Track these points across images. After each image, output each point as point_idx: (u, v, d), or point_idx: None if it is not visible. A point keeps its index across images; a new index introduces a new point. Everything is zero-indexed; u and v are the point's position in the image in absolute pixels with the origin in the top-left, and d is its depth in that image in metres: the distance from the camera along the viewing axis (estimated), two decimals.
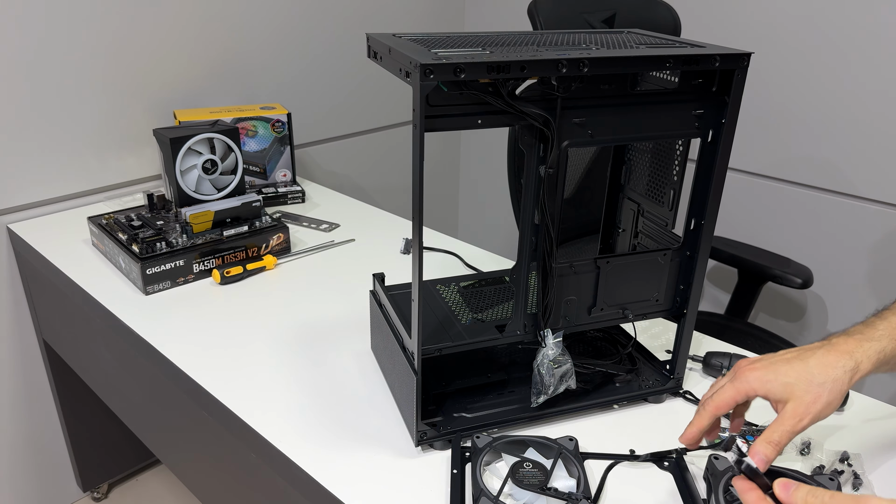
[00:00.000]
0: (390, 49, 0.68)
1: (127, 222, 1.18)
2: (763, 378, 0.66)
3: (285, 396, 0.86)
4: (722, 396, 0.68)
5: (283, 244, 1.23)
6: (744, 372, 0.68)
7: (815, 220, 1.64)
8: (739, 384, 0.67)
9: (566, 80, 0.68)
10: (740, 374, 0.68)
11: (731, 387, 0.68)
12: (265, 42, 1.63)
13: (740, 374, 0.68)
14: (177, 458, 1.14)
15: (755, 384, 0.66)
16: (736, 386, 0.67)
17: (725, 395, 0.68)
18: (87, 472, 1.61)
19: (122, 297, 1.08)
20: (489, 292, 0.89)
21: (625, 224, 0.93)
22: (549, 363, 0.76)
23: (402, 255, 1.25)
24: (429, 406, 0.80)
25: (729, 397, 0.67)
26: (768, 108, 1.63)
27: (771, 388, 0.65)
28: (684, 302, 0.83)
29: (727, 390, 0.68)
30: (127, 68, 1.40)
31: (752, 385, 0.66)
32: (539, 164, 0.71)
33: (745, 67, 0.71)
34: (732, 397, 0.67)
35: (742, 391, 0.67)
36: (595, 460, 0.76)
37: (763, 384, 0.66)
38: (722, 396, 0.68)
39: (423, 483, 0.72)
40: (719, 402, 0.68)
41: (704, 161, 0.77)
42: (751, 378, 0.67)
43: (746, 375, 0.67)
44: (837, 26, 1.48)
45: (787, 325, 1.78)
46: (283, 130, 1.50)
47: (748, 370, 0.68)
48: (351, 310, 1.05)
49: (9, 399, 1.42)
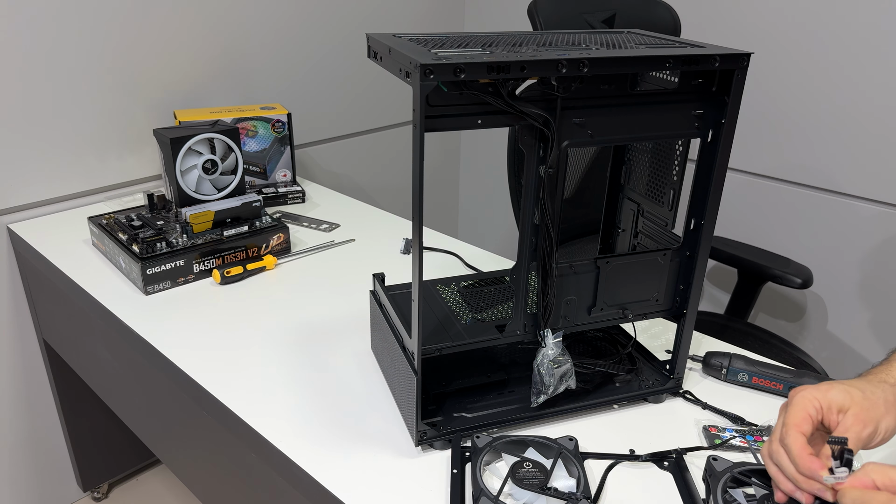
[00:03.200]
0: (390, 49, 0.68)
1: (127, 222, 1.18)
2: (821, 388, 0.63)
3: (285, 396, 0.86)
4: (795, 414, 0.62)
5: (283, 244, 1.23)
6: (797, 391, 0.64)
7: (815, 220, 1.64)
8: (802, 400, 0.63)
9: (566, 80, 0.68)
10: (795, 396, 0.64)
11: (797, 407, 0.63)
12: (265, 42, 1.63)
13: (794, 396, 0.64)
14: (177, 457, 1.14)
15: (815, 393, 0.63)
16: (799, 403, 0.63)
17: (798, 412, 0.62)
18: (87, 472, 1.61)
19: (122, 297, 1.08)
20: (489, 292, 0.89)
21: (625, 224, 0.94)
22: (549, 363, 0.76)
23: (402, 255, 1.25)
24: (429, 406, 0.80)
25: (802, 411, 0.62)
26: (768, 108, 1.63)
27: (833, 395, 0.62)
28: (684, 302, 0.83)
29: (798, 408, 0.62)
30: (127, 68, 1.40)
31: (813, 395, 0.62)
32: (539, 164, 0.71)
33: (744, 67, 0.71)
34: (807, 412, 0.62)
35: (810, 405, 0.62)
36: (595, 460, 0.76)
37: (823, 392, 0.63)
38: (795, 414, 0.62)
39: (423, 483, 0.72)
40: (795, 420, 0.62)
41: (704, 161, 0.77)
42: (807, 393, 0.63)
43: (802, 392, 0.64)
44: (837, 26, 1.48)
45: (787, 325, 1.78)
46: (283, 130, 1.50)
47: (800, 390, 0.64)
48: (351, 310, 1.05)
49: (9, 399, 1.42)
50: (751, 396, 0.88)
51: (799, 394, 0.64)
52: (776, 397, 0.87)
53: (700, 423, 0.82)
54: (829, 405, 0.62)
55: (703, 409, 0.85)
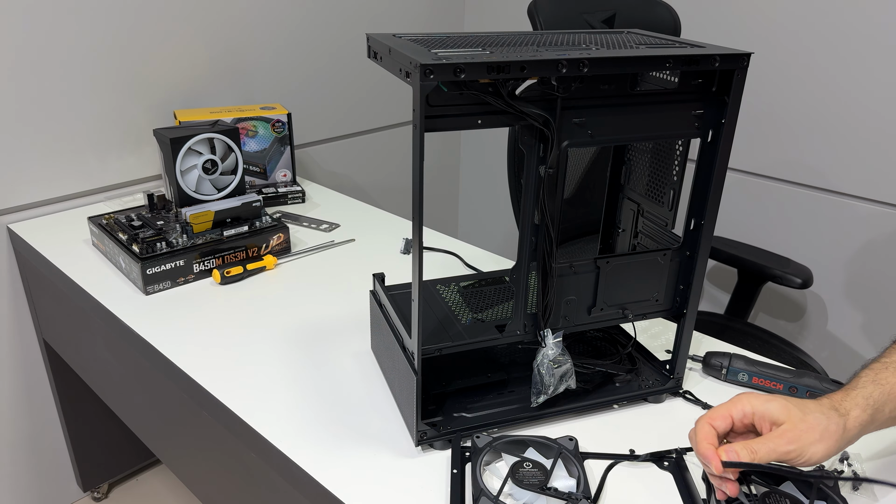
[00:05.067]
0: (390, 49, 0.68)
1: (127, 222, 1.18)
2: (765, 398, 0.66)
3: (285, 396, 0.86)
4: (717, 410, 0.68)
5: (283, 244, 1.23)
6: (743, 394, 0.69)
7: (816, 220, 1.64)
8: (737, 400, 0.68)
9: (566, 80, 0.68)
10: (737, 396, 0.69)
11: (727, 404, 0.68)
12: (265, 42, 1.63)
13: (737, 395, 0.69)
14: (177, 457, 1.14)
15: (755, 401, 0.67)
16: (733, 401, 0.68)
17: (720, 409, 0.68)
18: (87, 472, 1.61)
19: (122, 297, 1.08)
20: (489, 292, 0.89)
21: (625, 224, 0.94)
22: (549, 363, 0.76)
23: (402, 255, 1.25)
24: (429, 406, 0.80)
25: (724, 409, 0.67)
26: (768, 108, 1.63)
27: (772, 407, 0.65)
28: (684, 302, 0.83)
29: (722, 406, 0.68)
30: (127, 68, 1.40)
31: (752, 402, 0.67)
32: (539, 164, 0.71)
33: (744, 68, 0.71)
34: (728, 409, 0.67)
35: (738, 407, 0.67)
36: (595, 460, 0.76)
37: (764, 402, 0.66)
38: (717, 410, 0.68)
39: (423, 483, 0.72)
40: (713, 414, 0.68)
41: (704, 161, 0.77)
42: (751, 397, 0.67)
43: (747, 395, 0.68)
44: (837, 26, 1.48)
45: (787, 325, 1.78)
46: (283, 130, 1.50)
47: (746, 394, 0.68)
48: (351, 310, 1.05)
49: (9, 399, 1.42)
50: None
51: (739, 395, 0.68)
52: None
53: None
54: (763, 414, 0.66)
55: (703, 409, 0.85)
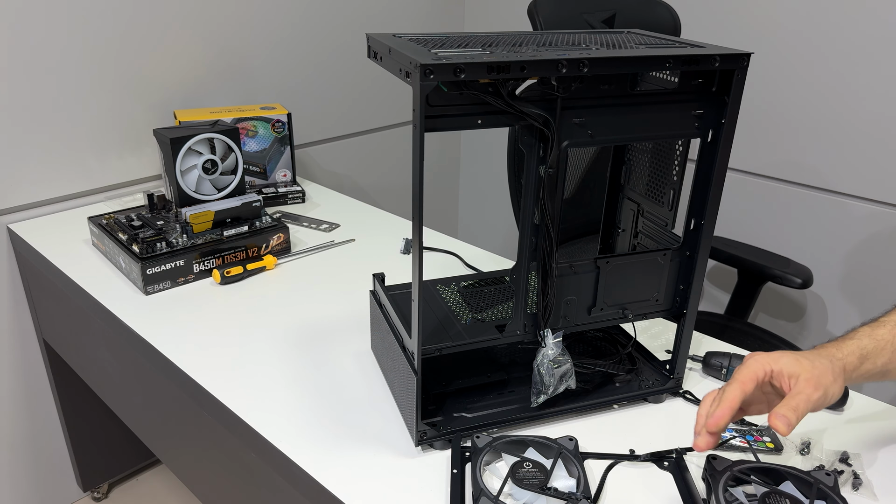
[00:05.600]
0: (390, 49, 0.68)
1: (127, 222, 1.18)
2: (774, 356, 0.68)
3: (285, 396, 0.86)
4: (741, 373, 0.67)
5: (283, 244, 1.23)
6: (751, 356, 0.69)
7: (815, 220, 1.64)
8: (753, 362, 0.68)
9: (566, 80, 0.68)
10: (748, 359, 0.69)
11: (746, 367, 0.68)
12: (265, 42, 1.63)
13: (748, 359, 0.69)
14: (177, 457, 1.14)
15: (767, 359, 0.67)
16: (749, 365, 0.68)
17: (744, 372, 0.67)
18: (87, 472, 1.61)
19: (122, 297, 1.08)
20: (489, 292, 0.89)
21: (625, 224, 0.94)
22: (549, 363, 0.76)
23: (402, 255, 1.25)
24: (429, 406, 0.80)
25: (749, 372, 0.67)
26: (768, 108, 1.63)
27: (784, 363, 0.67)
28: (684, 302, 0.83)
29: (747, 368, 0.67)
30: (127, 68, 1.40)
31: (765, 360, 0.67)
32: (539, 164, 0.71)
33: (744, 68, 0.71)
34: (755, 372, 0.67)
35: (759, 367, 0.67)
36: (595, 460, 0.76)
37: (775, 359, 0.67)
38: (741, 373, 0.67)
39: (423, 483, 0.72)
40: (742, 377, 0.67)
41: (704, 161, 0.77)
42: (759, 357, 0.68)
43: (755, 356, 0.68)
44: (838, 26, 1.48)
45: (787, 325, 1.78)
46: (283, 130, 1.50)
47: (754, 355, 0.69)
48: (351, 310, 1.05)
49: (9, 399, 1.42)
50: None
51: (752, 357, 0.69)
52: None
53: None
54: (780, 370, 0.67)
55: None
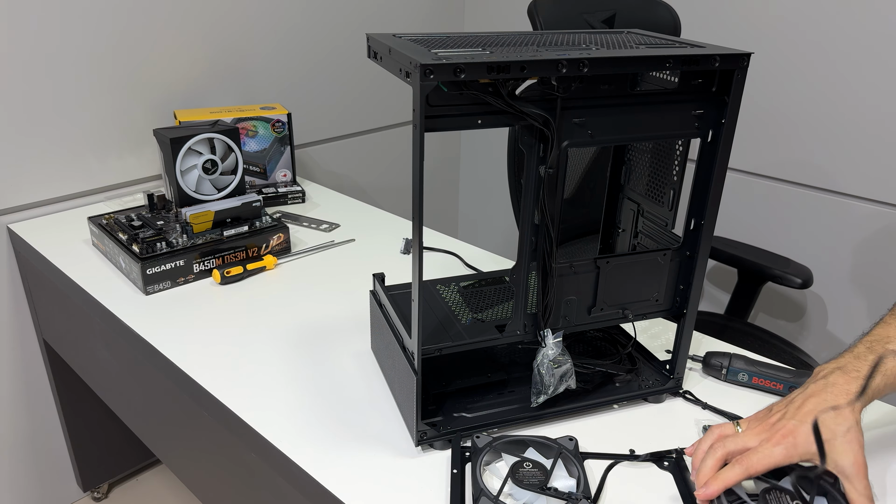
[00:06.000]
0: (390, 49, 0.68)
1: (127, 222, 1.18)
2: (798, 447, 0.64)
3: (285, 396, 0.86)
4: (770, 459, 0.64)
5: (283, 244, 1.23)
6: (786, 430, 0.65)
7: (815, 220, 1.64)
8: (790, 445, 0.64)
9: (566, 80, 0.68)
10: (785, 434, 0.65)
11: (781, 450, 0.64)
12: (265, 42, 1.63)
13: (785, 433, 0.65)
14: (177, 457, 1.14)
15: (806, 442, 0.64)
16: (786, 448, 0.64)
17: (775, 457, 0.64)
18: (87, 472, 1.61)
19: (122, 297, 1.08)
20: (489, 292, 0.89)
21: (625, 224, 0.94)
22: (549, 363, 0.76)
23: (402, 255, 1.25)
24: (429, 406, 0.80)
25: (780, 458, 0.64)
26: (768, 108, 1.63)
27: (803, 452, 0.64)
28: (684, 302, 0.83)
29: (776, 453, 0.64)
30: (127, 68, 1.40)
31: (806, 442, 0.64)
32: (539, 164, 0.71)
33: (744, 67, 0.71)
34: (784, 458, 0.64)
35: (797, 452, 0.64)
36: (595, 460, 0.76)
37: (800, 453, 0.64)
38: (770, 459, 0.64)
39: (423, 483, 0.72)
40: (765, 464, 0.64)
41: (704, 161, 0.77)
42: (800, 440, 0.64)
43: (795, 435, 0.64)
44: (838, 25, 1.48)
45: (787, 325, 1.78)
46: (283, 130, 1.50)
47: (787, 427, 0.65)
48: (351, 310, 1.05)
49: (9, 399, 1.42)
50: (751, 396, 0.88)
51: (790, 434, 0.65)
52: (776, 397, 0.87)
53: (700, 423, 0.82)
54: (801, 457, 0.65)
55: (703, 409, 0.85)
